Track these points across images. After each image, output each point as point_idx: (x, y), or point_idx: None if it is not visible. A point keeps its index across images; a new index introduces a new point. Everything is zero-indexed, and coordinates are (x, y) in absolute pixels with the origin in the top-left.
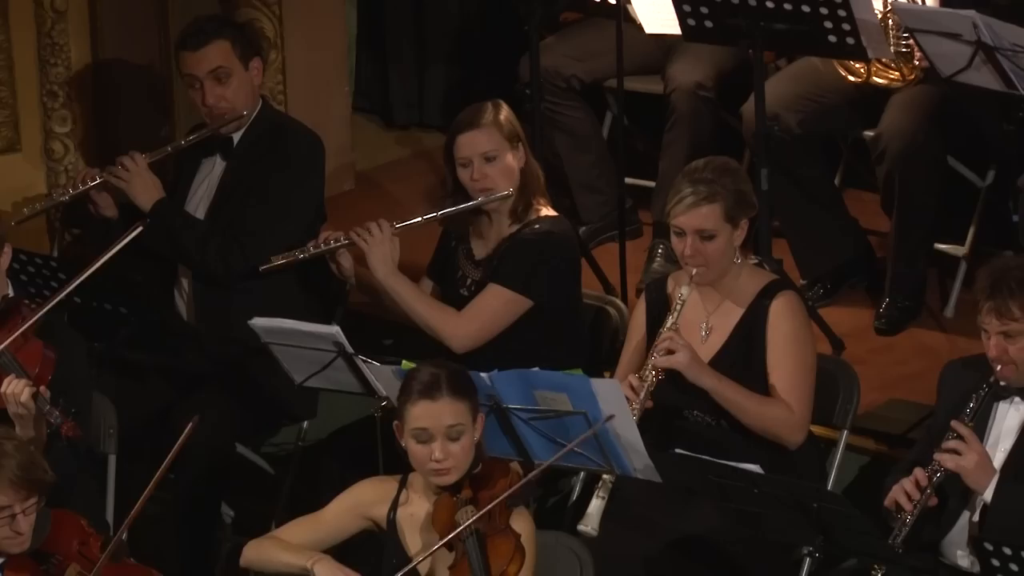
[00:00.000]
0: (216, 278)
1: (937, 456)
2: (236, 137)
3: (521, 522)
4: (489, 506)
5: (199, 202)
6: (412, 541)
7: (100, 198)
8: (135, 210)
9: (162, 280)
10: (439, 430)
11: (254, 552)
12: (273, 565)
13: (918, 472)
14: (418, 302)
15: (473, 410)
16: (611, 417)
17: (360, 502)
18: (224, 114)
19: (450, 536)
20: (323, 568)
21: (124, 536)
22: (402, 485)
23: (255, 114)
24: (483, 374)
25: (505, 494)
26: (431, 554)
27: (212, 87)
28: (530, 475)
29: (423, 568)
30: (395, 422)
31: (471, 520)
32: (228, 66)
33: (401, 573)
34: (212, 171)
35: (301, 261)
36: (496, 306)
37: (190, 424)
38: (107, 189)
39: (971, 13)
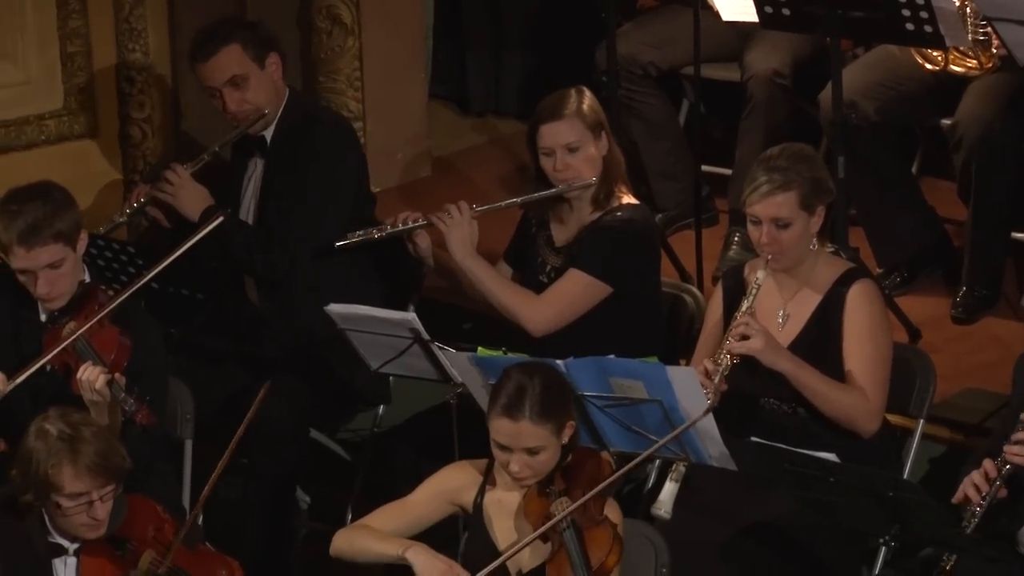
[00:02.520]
0: (265, 279)
1: (1007, 449)
2: (268, 135)
3: (615, 513)
4: (587, 496)
5: (249, 204)
6: (499, 528)
7: (155, 212)
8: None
9: (232, 267)
10: (517, 449)
11: (344, 541)
12: (365, 554)
13: (987, 464)
14: (497, 285)
15: (559, 427)
16: (708, 412)
17: (447, 488)
18: (248, 116)
19: (545, 527)
20: (419, 556)
21: (199, 521)
22: (488, 470)
23: (282, 109)
24: (559, 361)
25: (603, 484)
26: (526, 545)
27: (231, 93)
28: (629, 465)
29: (516, 561)
30: None
31: (568, 512)
32: (243, 71)
33: (495, 565)
34: (255, 171)
35: (377, 240)
36: (575, 291)
37: (260, 394)
38: (157, 204)
39: None
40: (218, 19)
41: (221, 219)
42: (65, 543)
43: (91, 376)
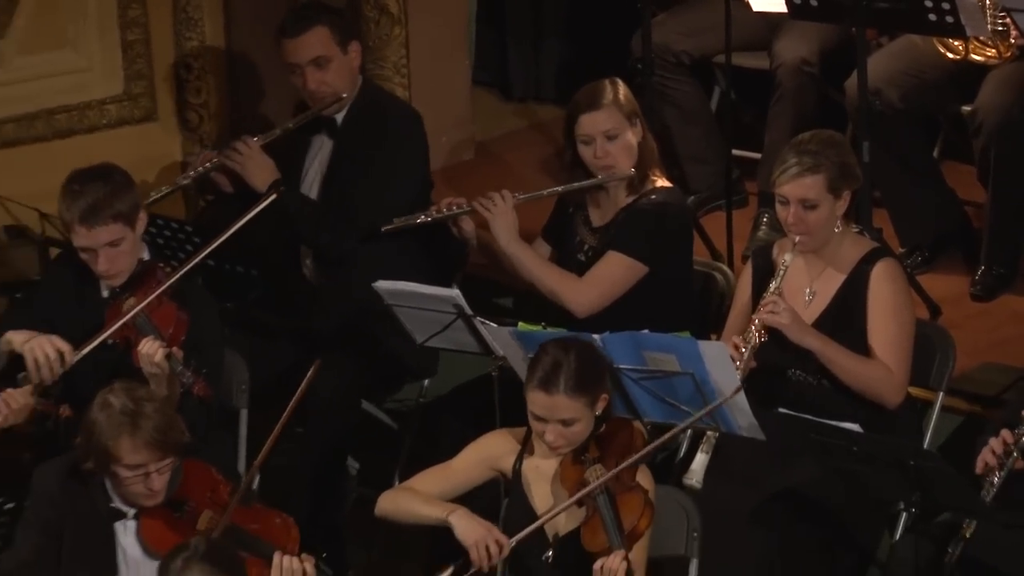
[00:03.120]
0: (330, 256)
1: None
2: (339, 117)
3: (646, 479)
4: (621, 466)
5: (312, 180)
6: (537, 493)
7: (219, 179)
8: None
9: (290, 244)
10: (552, 420)
11: (389, 503)
12: (409, 516)
13: (1004, 433)
14: (542, 269)
15: (592, 400)
16: (739, 390)
17: (489, 454)
18: (325, 97)
19: (580, 494)
20: (460, 520)
21: (255, 484)
22: (527, 438)
23: (356, 94)
24: (595, 336)
25: (637, 456)
26: (562, 510)
27: (313, 73)
28: (664, 437)
29: (552, 526)
30: None
31: (602, 480)
32: (327, 53)
33: (532, 528)
34: (321, 150)
35: (421, 224)
36: (616, 273)
37: (313, 367)
38: (224, 171)
39: None
40: (312, 2)
41: (282, 191)
42: (125, 508)
43: (150, 350)
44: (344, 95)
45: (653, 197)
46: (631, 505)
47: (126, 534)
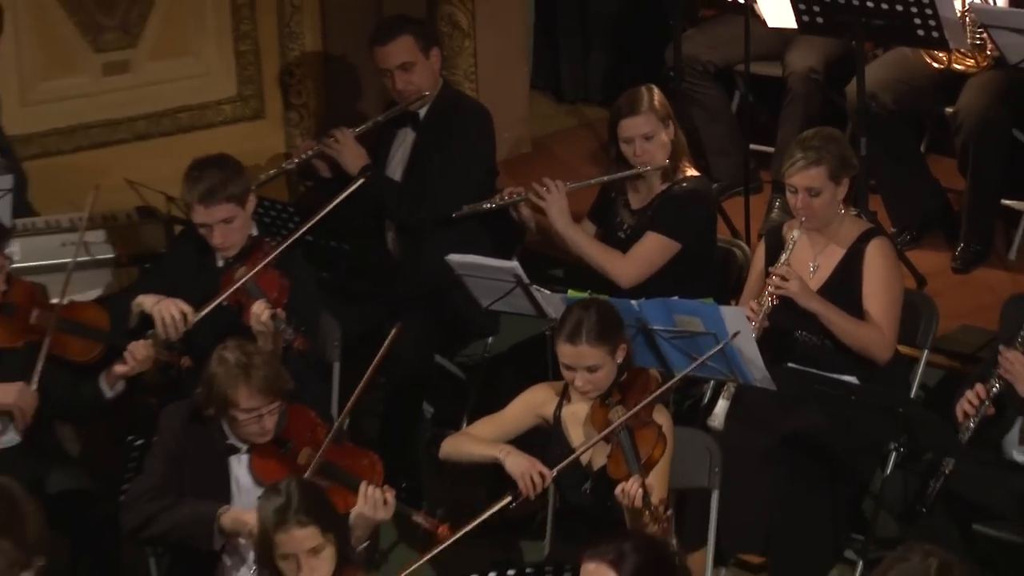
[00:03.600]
0: (411, 230)
1: (995, 372)
2: (422, 113)
3: (662, 416)
4: (635, 408)
5: (396, 166)
6: (574, 434)
7: (318, 164)
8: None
9: (375, 222)
10: (579, 368)
11: (451, 446)
12: (468, 456)
13: (978, 386)
14: (591, 247)
15: (612, 349)
16: (736, 334)
17: (533, 403)
18: (411, 95)
19: (606, 431)
20: (509, 457)
21: (345, 426)
22: (565, 389)
23: (437, 93)
24: (632, 301)
25: (649, 398)
26: (591, 446)
27: (400, 75)
28: (670, 383)
29: (584, 457)
30: None
31: (622, 419)
32: (412, 59)
33: (568, 461)
34: (405, 140)
35: (487, 211)
36: (654, 250)
37: (396, 327)
38: (323, 157)
39: None
40: (398, 15)
41: (371, 174)
42: (239, 444)
43: (258, 311)
44: (427, 93)
45: (684, 184)
46: (647, 438)
47: (239, 466)
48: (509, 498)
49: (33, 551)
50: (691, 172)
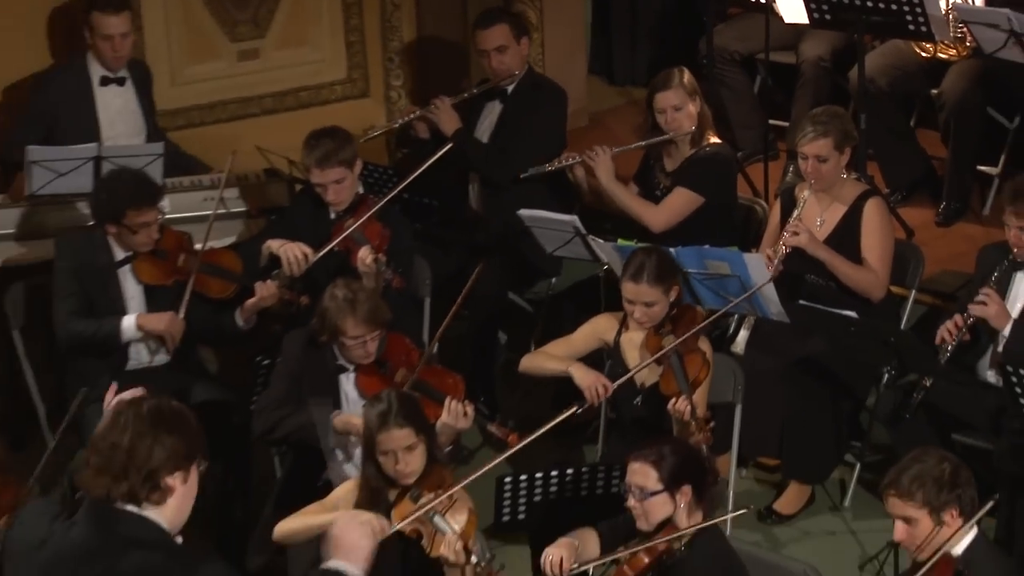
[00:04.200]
0: (492, 182)
1: (969, 306)
2: (510, 88)
3: (705, 345)
4: (685, 336)
5: (484, 131)
6: (630, 356)
7: (419, 126)
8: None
9: (460, 182)
10: (638, 302)
11: (529, 361)
12: (542, 370)
13: (956, 318)
14: (630, 199)
15: (667, 289)
16: (767, 283)
17: (598, 329)
18: (503, 73)
19: (659, 354)
20: (577, 370)
21: (435, 349)
22: (623, 319)
23: (523, 74)
24: (671, 249)
25: (696, 328)
26: (646, 366)
27: (495, 56)
28: (712, 317)
29: (638, 376)
30: None
31: (674, 344)
32: (506, 43)
33: (626, 376)
34: (492, 111)
35: (549, 172)
36: (680, 202)
37: (476, 269)
38: (424, 120)
39: (1006, 11)
40: (498, 6)
41: (449, 146)
42: (347, 365)
43: (364, 255)
44: (516, 73)
45: (708, 149)
46: (694, 362)
47: (347, 382)
48: (576, 407)
49: (198, 450)
50: (715, 140)
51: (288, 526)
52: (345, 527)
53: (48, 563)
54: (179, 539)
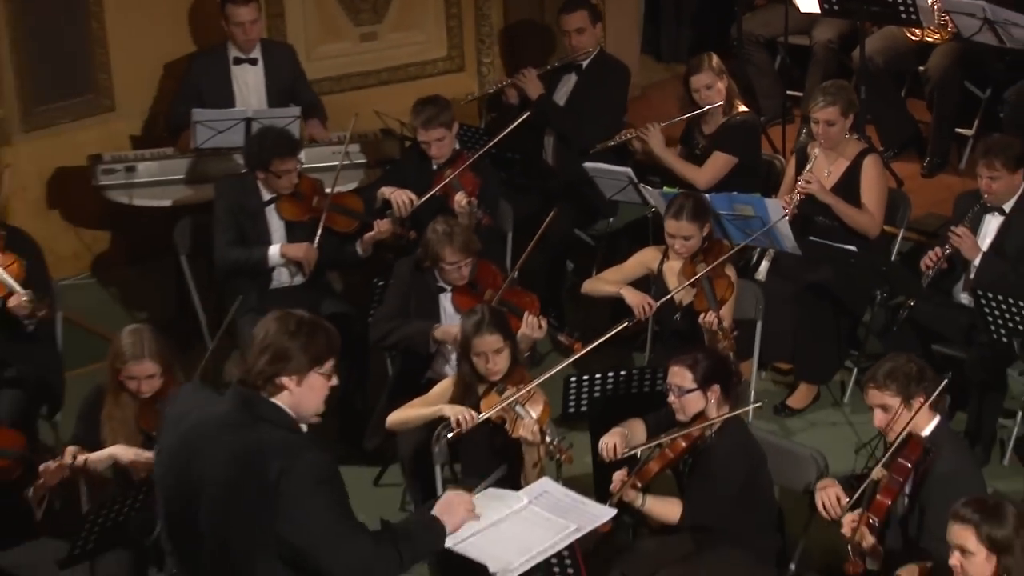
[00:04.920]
0: (566, 139)
1: (948, 241)
2: (584, 64)
3: (731, 271)
4: (713, 264)
5: (561, 97)
6: (670, 281)
7: (509, 93)
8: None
9: (538, 140)
10: (678, 236)
11: (589, 286)
12: (600, 292)
13: (936, 249)
14: (678, 162)
15: (701, 226)
16: (782, 218)
17: (644, 259)
18: (580, 50)
19: (693, 279)
20: (627, 292)
21: (515, 275)
22: (666, 250)
23: (596, 52)
24: (706, 195)
25: (723, 258)
26: (682, 288)
27: (575, 36)
28: (734, 249)
29: (677, 296)
30: None
31: (705, 271)
32: (584, 26)
33: (667, 297)
34: (569, 82)
35: (612, 145)
36: (719, 164)
37: (551, 213)
38: (513, 87)
39: (981, 2)
40: None
41: (528, 114)
42: (445, 285)
43: (460, 199)
44: (590, 51)
45: (737, 117)
46: (721, 285)
47: (446, 300)
48: (627, 321)
49: (324, 358)
50: (743, 108)
51: (398, 416)
52: (457, 500)
53: (191, 430)
54: (304, 428)
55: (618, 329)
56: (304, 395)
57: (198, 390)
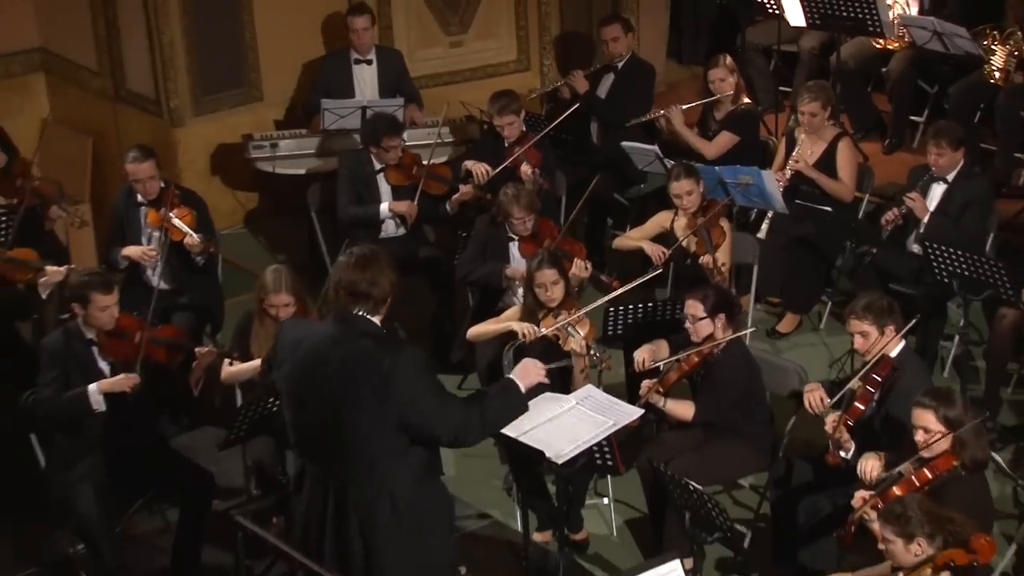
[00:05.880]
0: (606, 124)
1: (903, 201)
2: (620, 65)
3: (724, 223)
4: (709, 216)
5: (602, 92)
6: (680, 234)
7: (563, 89)
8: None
9: (584, 125)
10: (681, 195)
11: (619, 241)
12: (628, 246)
13: (894, 209)
14: (694, 138)
15: (696, 182)
16: (776, 186)
17: (660, 219)
18: (616, 56)
19: (694, 229)
20: (648, 245)
21: (567, 228)
22: (676, 211)
23: (628, 56)
24: (716, 167)
25: (716, 210)
26: (686, 238)
27: (612, 44)
28: (720, 206)
29: (687, 244)
30: None
31: (703, 222)
32: (618, 35)
33: (676, 246)
34: (607, 80)
35: (644, 121)
36: (725, 140)
37: (595, 180)
38: (566, 85)
39: (932, 18)
40: (612, 13)
41: (577, 106)
42: (513, 235)
43: (525, 169)
44: (624, 55)
45: (742, 107)
46: (716, 233)
47: (514, 247)
48: (651, 270)
49: (397, 291)
50: (746, 100)
51: (476, 329)
52: (531, 364)
53: (304, 354)
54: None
55: (648, 277)
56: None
57: (300, 323)
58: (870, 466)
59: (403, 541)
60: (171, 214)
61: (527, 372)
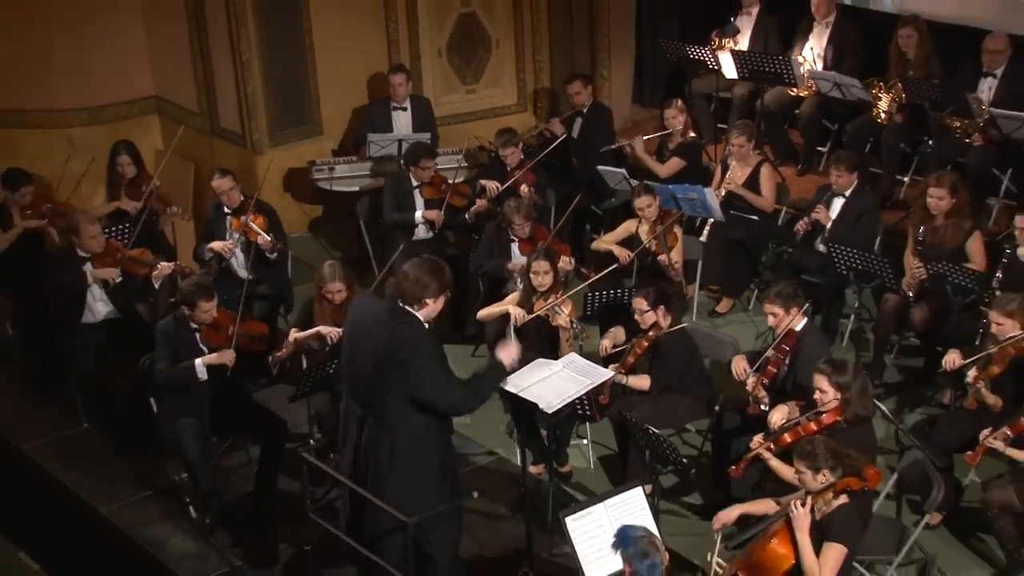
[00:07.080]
0: (579, 156)
1: (812, 212)
2: (585, 110)
3: (678, 229)
4: (667, 225)
5: (575, 132)
6: (643, 237)
7: (546, 131)
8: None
9: (567, 156)
10: (643, 207)
11: (595, 245)
12: (601, 248)
13: (805, 219)
14: (651, 163)
15: (654, 196)
16: (713, 204)
17: (627, 226)
18: (581, 104)
19: (655, 234)
20: (616, 248)
21: (554, 233)
22: (639, 220)
23: (591, 103)
24: (670, 186)
25: (671, 221)
26: (649, 240)
27: (575, 97)
28: (675, 218)
29: (648, 247)
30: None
31: (662, 229)
32: (580, 90)
33: (640, 248)
34: (577, 123)
35: (612, 149)
36: (675, 165)
37: (577, 197)
38: (550, 127)
39: (833, 72)
40: (580, 72)
41: (567, 137)
42: (514, 238)
43: (524, 188)
44: (587, 103)
45: (689, 139)
46: (671, 237)
47: (514, 247)
48: (614, 265)
49: (446, 289)
50: (692, 134)
51: (485, 312)
52: (509, 347)
53: (360, 322)
54: (427, 325)
55: (610, 269)
56: (434, 309)
57: (366, 299)
58: (777, 417)
59: (395, 474)
60: (248, 219)
61: (506, 350)
